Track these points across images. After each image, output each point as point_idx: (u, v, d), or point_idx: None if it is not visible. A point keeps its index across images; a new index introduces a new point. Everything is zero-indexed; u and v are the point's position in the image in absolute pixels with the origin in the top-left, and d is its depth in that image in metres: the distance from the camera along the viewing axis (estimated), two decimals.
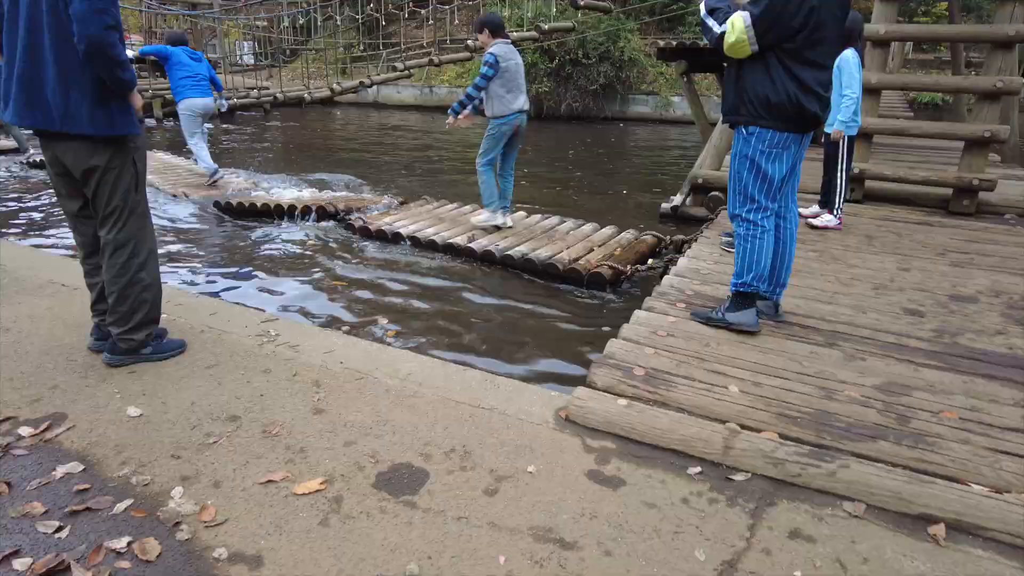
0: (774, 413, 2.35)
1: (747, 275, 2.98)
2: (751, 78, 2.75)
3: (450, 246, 5.33)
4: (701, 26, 2.84)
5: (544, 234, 5.63)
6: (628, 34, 16.39)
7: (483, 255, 5.16)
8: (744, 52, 2.68)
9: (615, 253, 5.12)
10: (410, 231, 5.61)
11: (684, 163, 10.41)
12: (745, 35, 2.62)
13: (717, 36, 2.71)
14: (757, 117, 2.78)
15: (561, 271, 4.79)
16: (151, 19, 17.46)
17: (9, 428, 2.23)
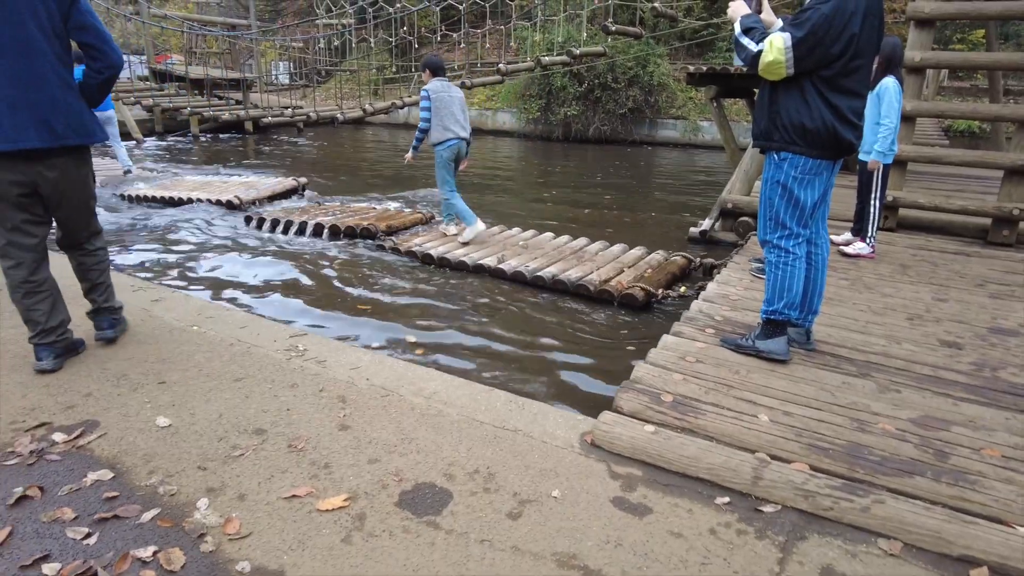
0: (805, 444, 2.29)
1: (778, 302, 2.93)
2: (785, 104, 2.73)
3: (480, 267, 5.39)
4: (735, 45, 2.81)
5: (573, 255, 5.66)
6: (657, 59, 16.45)
7: (513, 276, 5.20)
8: (779, 74, 2.66)
9: (645, 274, 5.09)
10: (440, 252, 5.67)
11: (713, 188, 10.35)
12: (783, 56, 2.59)
13: (753, 55, 2.68)
14: (790, 143, 2.75)
15: (592, 292, 4.78)
16: (192, 39, 18.03)
17: (44, 433, 2.27)
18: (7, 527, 1.82)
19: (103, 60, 2.65)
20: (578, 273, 5.05)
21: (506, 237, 6.28)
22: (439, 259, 5.60)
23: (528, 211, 8.52)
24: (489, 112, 19.05)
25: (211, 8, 25.45)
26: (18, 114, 2.49)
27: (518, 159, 14.36)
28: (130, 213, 7.52)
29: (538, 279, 5.06)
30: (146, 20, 15.46)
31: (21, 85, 2.50)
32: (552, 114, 16.93)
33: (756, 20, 2.77)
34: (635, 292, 4.64)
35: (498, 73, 9.78)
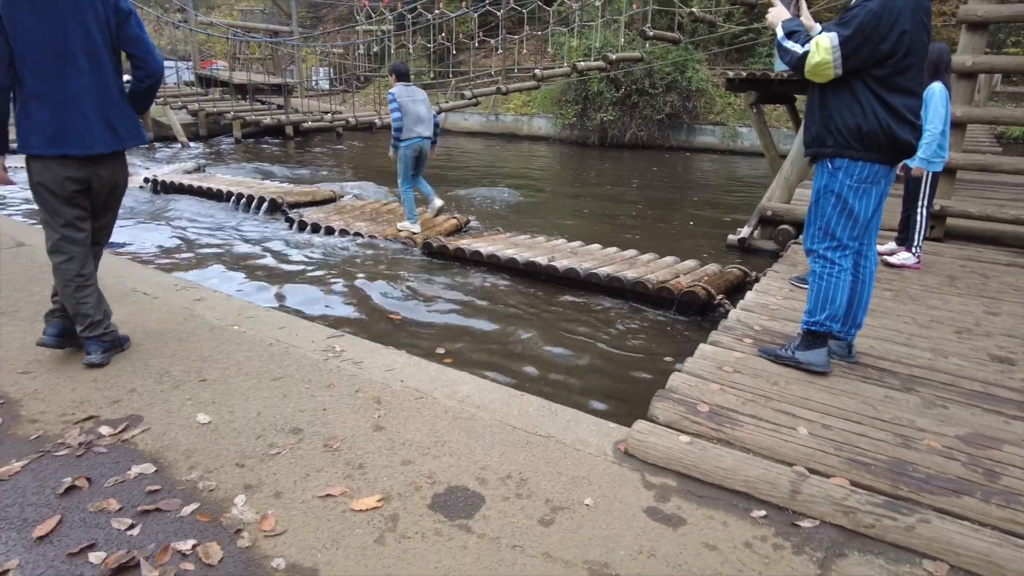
0: (845, 458, 2.23)
1: (820, 314, 2.85)
2: (838, 106, 2.65)
3: (531, 264, 5.33)
4: (778, 49, 2.74)
5: (625, 261, 5.59)
6: (696, 64, 16.28)
7: (566, 273, 5.15)
8: (826, 75, 2.59)
9: (703, 279, 4.97)
10: (489, 251, 5.65)
11: (751, 195, 10.19)
12: (830, 56, 2.53)
13: (799, 57, 2.61)
14: (846, 147, 2.66)
15: (650, 290, 4.69)
16: (236, 46, 18.50)
17: (91, 426, 2.35)
18: (57, 515, 1.88)
19: (146, 69, 2.79)
20: (634, 274, 4.98)
21: (553, 246, 6.17)
22: (488, 257, 5.58)
23: (565, 215, 8.51)
24: (524, 118, 19.10)
25: (255, 15, 26.09)
26: (91, 120, 2.67)
27: (554, 164, 14.35)
28: (166, 207, 7.74)
29: (592, 276, 4.99)
30: (193, 28, 15.92)
31: (94, 93, 2.67)
32: (588, 119, 16.89)
33: (798, 23, 2.71)
34: (697, 291, 4.50)
35: (534, 79, 9.79)
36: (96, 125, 2.68)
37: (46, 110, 2.60)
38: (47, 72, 2.58)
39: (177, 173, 9.61)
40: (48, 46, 2.56)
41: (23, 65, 2.55)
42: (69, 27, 2.59)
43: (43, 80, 2.58)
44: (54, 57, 2.57)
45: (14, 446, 2.22)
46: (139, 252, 6.06)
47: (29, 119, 2.60)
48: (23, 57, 2.55)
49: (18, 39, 2.52)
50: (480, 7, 11.14)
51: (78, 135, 2.64)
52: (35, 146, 2.62)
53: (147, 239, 6.58)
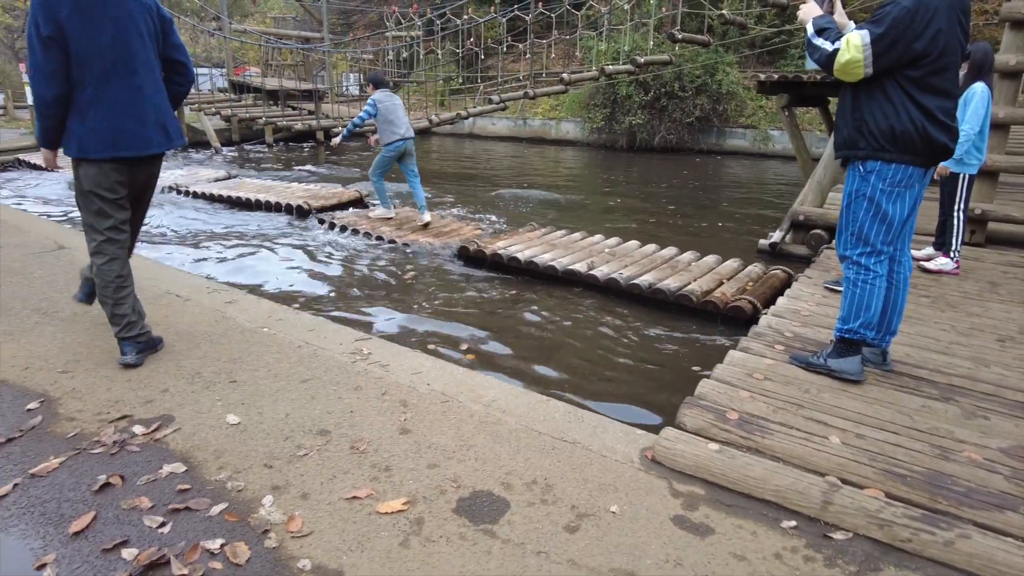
0: (880, 469, 2.17)
1: (854, 321, 2.78)
2: (870, 107, 2.59)
3: (571, 272, 5.25)
4: (807, 47, 2.68)
5: (665, 264, 5.49)
6: (726, 67, 16.10)
7: (606, 283, 5.06)
8: (856, 74, 2.53)
9: (747, 287, 4.88)
10: (527, 256, 5.57)
11: (783, 199, 10.03)
12: (860, 54, 2.47)
13: (828, 54, 2.55)
14: (879, 150, 2.59)
15: (695, 303, 4.58)
16: (268, 53, 18.85)
17: (125, 425, 2.40)
18: (92, 511, 1.92)
19: (187, 75, 3.03)
20: (676, 283, 4.86)
21: (590, 244, 6.15)
22: (526, 263, 5.50)
23: (595, 220, 8.47)
24: (552, 122, 19.10)
25: (287, 23, 26.56)
26: (147, 123, 2.80)
27: (582, 168, 14.32)
28: (197, 213, 7.90)
29: (633, 287, 4.89)
30: (227, 35, 16.26)
31: (150, 97, 2.82)
32: (617, 123, 16.81)
33: (830, 20, 2.65)
34: (742, 304, 4.40)
35: (562, 83, 9.78)
36: (152, 128, 2.82)
37: (105, 115, 2.70)
38: (108, 79, 2.69)
39: (207, 182, 9.80)
40: (109, 54, 2.67)
41: (85, 73, 2.65)
42: (129, 36, 2.72)
43: (104, 86, 2.68)
44: (113, 64, 2.69)
45: (52, 443, 2.28)
46: (171, 255, 6.19)
47: (84, 124, 2.68)
48: (87, 65, 2.64)
49: (82, 48, 2.62)
50: (508, 12, 11.17)
51: (136, 138, 2.77)
52: (92, 150, 2.70)
53: (179, 243, 6.72)
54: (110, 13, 2.66)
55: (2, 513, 1.93)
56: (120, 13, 2.69)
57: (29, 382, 2.73)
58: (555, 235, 6.48)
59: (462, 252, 6.02)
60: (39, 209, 8.14)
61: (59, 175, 10.60)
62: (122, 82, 2.72)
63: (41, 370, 2.84)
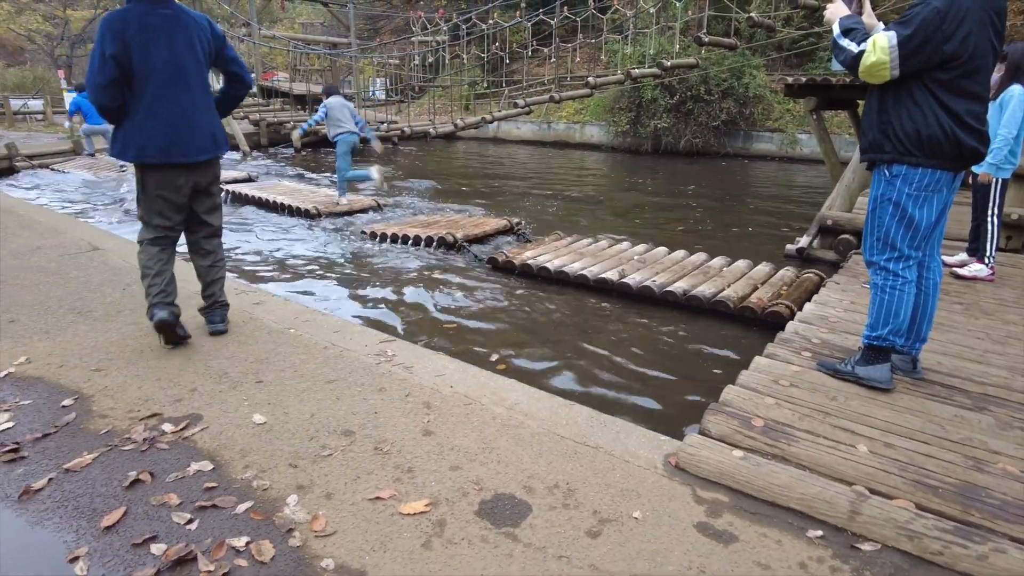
0: (910, 480, 2.13)
1: (883, 328, 2.73)
2: (897, 111, 2.54)
3: (602, 281, 5.22)
4: (833, 48, 2.63)
5: (696, 270, 5.45)
6: (753, 70, 15.94)
7: (639, 291, 5.01)
8: (882, 76, 2.48)
9: (782, 291, 4.84)
10: (556, 266, 5.52)
11: (811, 204, 9.88)
12: (887, 56, 2.42)
13: (854, 56, 2.50)
14: (905, 154, 2.54)
15: (732, 309, 4.56)
16: (297, 58, 19.14)
17: (155, 423, 2.45)
18: (123, 507, 1.97)
19: (246, 84, 3.30)
20: (711, 289, 4.83)
21: (619, 251, 6.10)
22: (556, 273, 5.46)
23: (621, 225, 8.44)
24: (576, 126, 19.07)
25: (315, 28, 26.94)
26: (198, 132, 3.06)
27: (607, 172, 14.27)
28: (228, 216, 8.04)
29: (668, 294, 4.85)
30: (257, 41, 16.55)
31: (201, 109, 3.08)
32: (641, 127, 16.74)
33: (857, 21, 2.60)
34: (780, 309, 4.39)
35: (587, 87, 9.77)
36: (202, 136, 3.07)
37: (161, 125, 2.95)
38: (165, 92, 2.95)
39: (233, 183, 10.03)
40: (167, 72, 2.94)
41: (145, 87, 2.91)
42: (185, 54, 2.99)
43: (161, 99, 2.94)
44: (171, 79, 2.95)
45: (86, 439, 2.34)
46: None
47: (144, 133, 2.95)
48: (146, 80, 2.91)
49: (142, 65, 2.88)
50: (533, 16, 11.20)
51: (188, 145, 3.03)
52: (150, 155, 2.97)
53: None
54: (169, 34, 2.93)
55: (38, 506, 1.99)
56: (179, 34, 2.96)
57: (64, 379, 2.81)
58: (581, 243, 6.45)
59: (492, 261, 5.99)
60: (73, 210, 8.36)
61: (85, 178, 10.87)
62: (177, 96, 2.97)
63: (75, 368, 2.91)
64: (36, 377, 2.83)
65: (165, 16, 2.93)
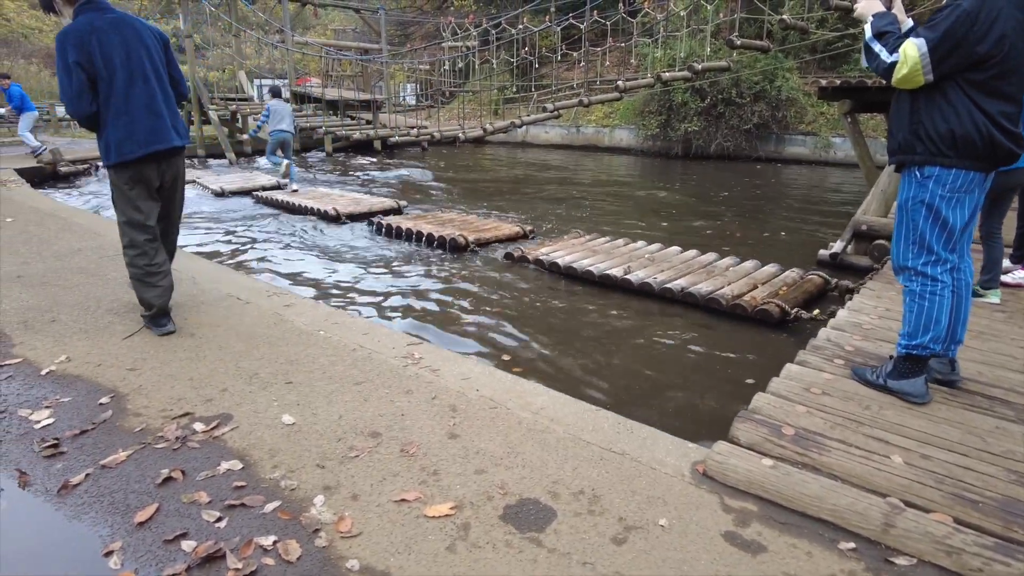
0: (947, 493, 2.06)
1: (922, 336, 2.64)
2: (928, 111, 2.47)
3: (607, 277, 5.39)
4: (864, 50, 2.57)
5: (702, 269, 5.55)
6: (786, 73, 15.70)
7: (640, 287, 5.15)
8: (917, 83, 2.42)
9: (780, 291, 4.87)
10: (566, 262, 5.73)
11: (845, 208, 9.69)
12: (919, 65, 2.36)
13: (886, 67, 2.45)
14: (937, 155, 2.47)
15: (724, 306, 4.64)
16: (329, 64, 19.42)
17: (187, 422, 2.50)
18: (155, 504, 2.01)
19: (181, 93, 3.51)
20: (709, 287, 4.92)
21: (631, 250, 6.26)
22: (565, 269, 5.67)
23: (648, 227, 8.38)
24: (606, 129, 19.00)
25: (347, 34, 27.32)
26: (160, 121, 3.26)
27: (637, 176, 14.18)
28: (256, 217, 8.18)
29: (666, 291, 4.98)
30: (290, 47, 16.84)
31: (162, 100, 3.29)
32: (672, 130, 16.60)
33: (890, 22, 2.52)
34: (770, 308, 4.43)
35: (617, 90, 9.72)
36: (167, 125, 3.29)
37: (134, 119, 3.17)
38: (128, 87, 3.16)
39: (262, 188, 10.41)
40: (126, 67, 3.15)
41: (111, 88, 3.12)
42: (139, 50, 3.21)
43: (127, 95, 3.15)
44: (131, 74, 3.17)
45: (121, 437, 2.40)
46: (225, 254, 6.43)
47: (119, 130, 3.16)
48: (111, 81, 3.11)
49: (105, 66, 3.09)
50: (563, 20, 11.20)
51: (160, 133, 3.25)
52: (129, 151, 3.17)
53: (238, 244, 6.98)
54: (121, 34, 3.16)
55: (75, 500, 2.04)
56: (129, 34, 3.19)
57: (101, 378, 2.88)
58: (598, 241, 6.61)
59: (508, 257, 6.24)
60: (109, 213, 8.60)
61: None
62: (141, 90, 3.20)
63: (112, 367, 2.99)
64: (75, 375, 2.91)
65: (112, 20, 3.15)
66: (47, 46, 31.93)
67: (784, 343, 4.31)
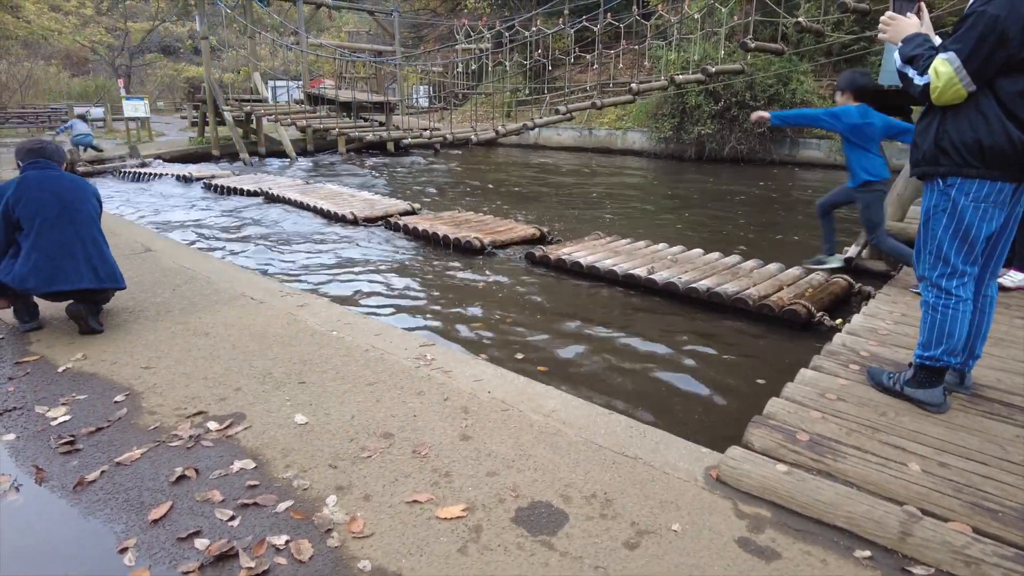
0: (966, 502, 2.03)
1: (936, 348, 2.59)
2: (955, 121, 2.40)
3: (630, 276, 5.35)
4: (900, 78, 2.49)
5: (727, 270, 5.50)
6: (801, 76, 15.59)
7: (665, 287, 5.11)
8: (960, 97, 2.33)
9: (806, 293, 4.83)
10: (589, 262, 5.71)
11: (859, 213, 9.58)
12: (957, 80, 2.28)
13: (920, 90, 2.38)
14: (963, 166, 2.40)
15: (751, 306, 4.61)
16: (343, 65, 19.53)
17: (200, 421, 2.51)
18: (169, 501, 2.02)
19: None
20: (735, 287, 4.88)
21: (653, 251, 6.21)
22: (588, 268, 5.65)
23: (663, 230, 8.34)
24: (619, 132, 18.96)
25: (360, 36, 27.47)
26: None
27: (650, 178, 14.13)
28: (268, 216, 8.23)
29: (691, 291, 4.94)
30: (304, 49, 16.96)
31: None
32: (685, 133, 16.54)
33: (918, 44, 2.42)
34: (797, 308, 4.40)
35: (630, 92, 9.70)
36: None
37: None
38: None
39: (287, 187, 10.33)
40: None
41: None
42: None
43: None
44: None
45: (136, 435, 2.42)
46: (241, 256, 6.47)
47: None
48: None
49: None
50: (577, 23, 11.19)
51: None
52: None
53: (250, 244, 7.02)
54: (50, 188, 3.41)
55: (90, 497, 2.06)
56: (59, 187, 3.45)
57: (117, 376, 2.91)
58: (619, 243, 6.56)
59: (529, 257, 6.19)
60: (128, 212, 8.69)
61: (148, 185, 11.26)
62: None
63: (127, 365, 3.02)
64: (91, 373, 2.94)
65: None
66: (66, 48, 32.38)
67: (805, 348, 4.28)
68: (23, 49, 29.95)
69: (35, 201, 3.32)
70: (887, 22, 2.55)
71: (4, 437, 2.42)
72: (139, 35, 34.16)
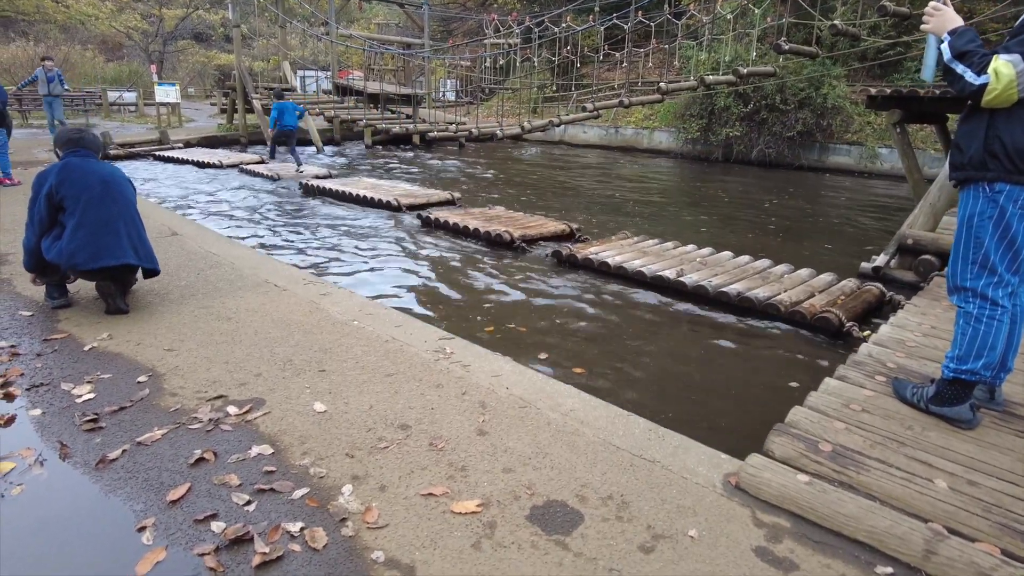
0: (995, 523, 1.98)
1: (974, 362, 2.51)
2: (1009, 126, 2.31)
3: (659, 278, 5.29)
4: (946, 73, 2.39)
5: (757, 275, 5.44)
6: (833, 80, 15.33)
7: (694, 290, 5.04)
8: (1011, 101, 2.26)
9: (838, 301, 4.76)
10: (617, 262, 5.66)
11: (889, 221, 9.42)
12: (1015, 82, 2.20)
13: (974, 89, 2.28)
14: (1012, 172, 2.32)
15: (782, 312, 4.56)
16: (371, 57, 19.61)
17: (221, 405, 2.54)
18: (187, 483, 2.04)
19: None
20: (766, 292, 4.82)
21: (682, 253, 6.15)
22: (615, 269, 5.60)
23: (689, 231, 8.26)
24: (645, 131, 18.81)
25: (390, 28, 27.57)
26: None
27: (677, 179, 14.01)
28: (304, 207, 8.29)
29: (722, 295, 4.87)
30: (334, 40, 17.05)
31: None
32: (713, 134, 16.36)
33: (970, 39, 2.33)
34: (830, 316, 4.34)
35: (658, 92, 9.60)
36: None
37: None
38: None
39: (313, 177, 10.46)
40: None
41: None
42: None
43: None
44: None
45: (157, 416, 2.44)
46: (265, 243, 6.53)
47: None
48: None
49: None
50: (607, 20, 11.11)
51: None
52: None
53: (280, 233, 7.08)
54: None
55: (112, 475, 2.08)
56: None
57: (140, 356, 2.95)
58: (647, 243, 6.50)
59: (555, 256, 6.15)
60: (158, 193, 8.81)
61: (175, 169, 11.42)
62: None
63: (151, 347, 3.05)
64: (116, 353, 2.98)
65: None
66: (103, 33, 32.93)
67: (833, 357, 4.20)
68: (61, 33, 30.53)
69: (79, 182, 3.40)
70: (931, 12, 2.47)
71: (31, 412, 2.46)
72: (173, 22, 34.65)
